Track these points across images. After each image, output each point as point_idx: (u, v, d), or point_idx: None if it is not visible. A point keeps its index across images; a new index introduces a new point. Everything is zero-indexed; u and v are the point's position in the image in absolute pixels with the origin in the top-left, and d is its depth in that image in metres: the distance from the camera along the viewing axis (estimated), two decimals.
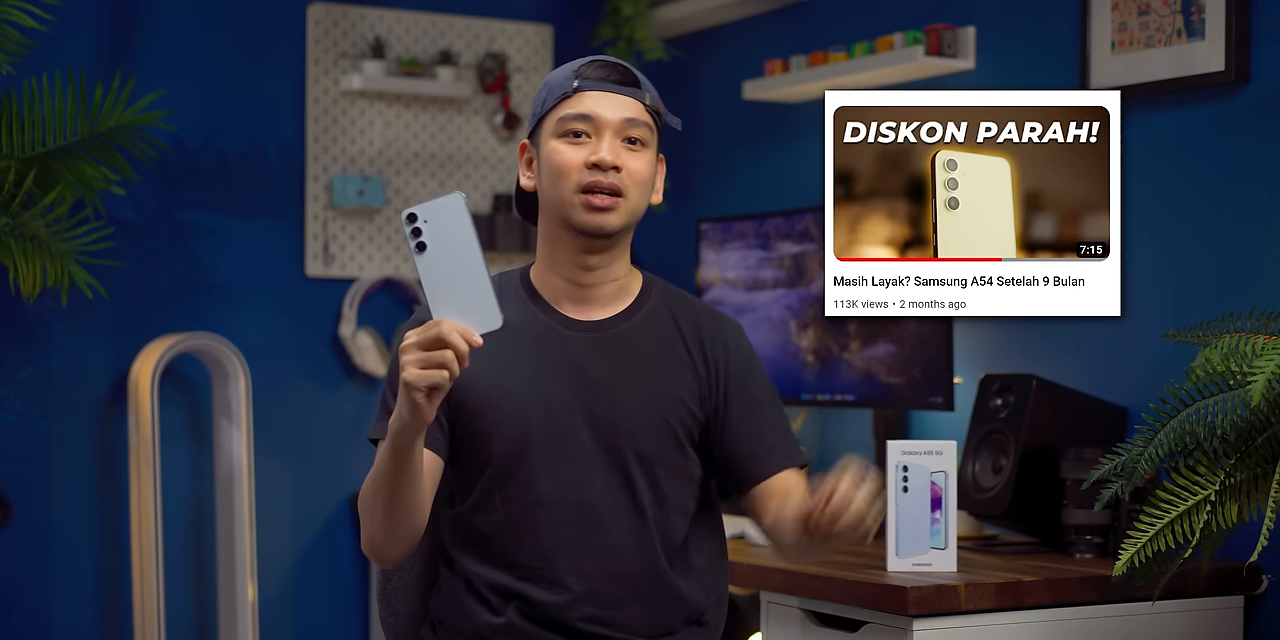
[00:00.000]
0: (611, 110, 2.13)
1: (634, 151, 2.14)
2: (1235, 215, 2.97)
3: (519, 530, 2.15)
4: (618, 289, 2.20)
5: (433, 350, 1.84)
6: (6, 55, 3.39)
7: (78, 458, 3.79)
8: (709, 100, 4.24)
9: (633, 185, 2.13)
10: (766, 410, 2.21)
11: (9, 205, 3.38)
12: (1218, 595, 2.81)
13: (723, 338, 2.21)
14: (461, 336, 1.84)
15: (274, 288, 4.00)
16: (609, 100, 2.14)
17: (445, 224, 1.86)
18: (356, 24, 4.07)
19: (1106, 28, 3.15)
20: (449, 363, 1.84)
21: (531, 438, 2.14)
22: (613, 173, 2.11)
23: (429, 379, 1.85)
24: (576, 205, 2.12)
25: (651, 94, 2.17)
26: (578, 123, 2.13)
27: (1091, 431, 3.01)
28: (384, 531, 2.05)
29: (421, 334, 1.85)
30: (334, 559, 4.04)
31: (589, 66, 2.15)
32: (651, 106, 2.16)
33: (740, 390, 2.20)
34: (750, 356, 2.23)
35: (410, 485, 2.01)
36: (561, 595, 2.14)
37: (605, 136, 2.12)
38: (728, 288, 3.80)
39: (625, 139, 2.13)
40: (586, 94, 2.13)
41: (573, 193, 2.12)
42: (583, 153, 2.12)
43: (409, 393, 1.86)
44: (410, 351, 1.85)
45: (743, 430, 2.19)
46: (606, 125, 2.13)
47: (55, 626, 3.77)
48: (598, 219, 2.12)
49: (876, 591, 2.63)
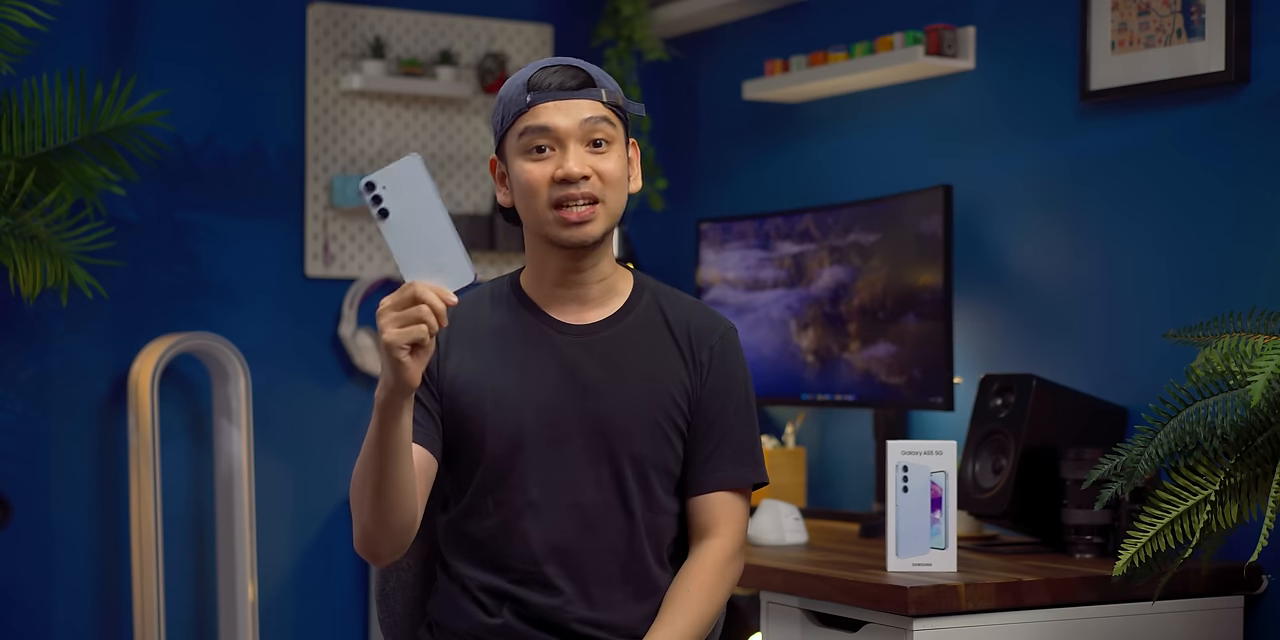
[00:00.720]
0: (568, 117, 2.10)
1: (601, 153, 2.12)
2: (1235, 215, 2.97)
3: (511, 535, 2.15)
4: (606, 288, 2.20)
5: (408, 308, 1.85)
6: (6, 55, 3.39)
7: (78, 458, 3.79)
8: (709, 100, 4.24)
9: (606, 188, 2.11)
10: (731, 421, 2.20)
11: (9, 205, 3.39)
12: (1218, 595, 2.81)
13: (711, 339, 2.20)
14: (436, 294, 1.85)
15: (274, 288, 4.00)
16: (564, 108, 2.10)
17: (405, 187, 1.86)
18: (356, 24, 4.07)
19: (1106, 28, 3.15)
20: (426, 317, 1.85)
21: (524, 441, 2.14)
22: (583, 182, 2.10)
23: (409, 336, 1.85)
24: (552, 222, 2.11)
25: (608, 88, 2.14)
26: (538, 137, 2.10)
27: (1091, 431, 3.01)
28: (374, 519, 2.02)
29: (395, 297, 1.86)
30: (334, 559, 4.04)
31: (538, 74, 2.12)
32: (610, 101, 2.13)
33: (714, 396, 2.19)
34: (735, 361, 2.22)
35: (399, 463, 1.98)
36: (554, 598, 2.14)
37: (569, 146, 2.10)
38: (728, 288, 3.80)
39: (589, 142, 2.11)
40: (540, 106, 2.11)
41: (546, 209, 2.11)
42: (549, 167, 2.10)
43: (391, 353, 1.86)
44: (386, 314, 1.86)
45: (703, 438, 2.19)
46: (567, 134, 2.10)
47: (55, 626, 3.77)
48: (578, 233, 2.11)
49: (876, 591, 2.63)
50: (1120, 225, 3.18)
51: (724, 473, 2.19)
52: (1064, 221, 3.29)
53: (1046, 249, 3.33)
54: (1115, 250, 3.18)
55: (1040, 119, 3.34)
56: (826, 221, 3.56)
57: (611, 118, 2.13)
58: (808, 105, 3.93)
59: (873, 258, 3.44)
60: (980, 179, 3.45)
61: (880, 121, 3.74)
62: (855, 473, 3.75)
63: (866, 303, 3.45)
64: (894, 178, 3.64)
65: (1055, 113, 3.30)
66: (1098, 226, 3.22)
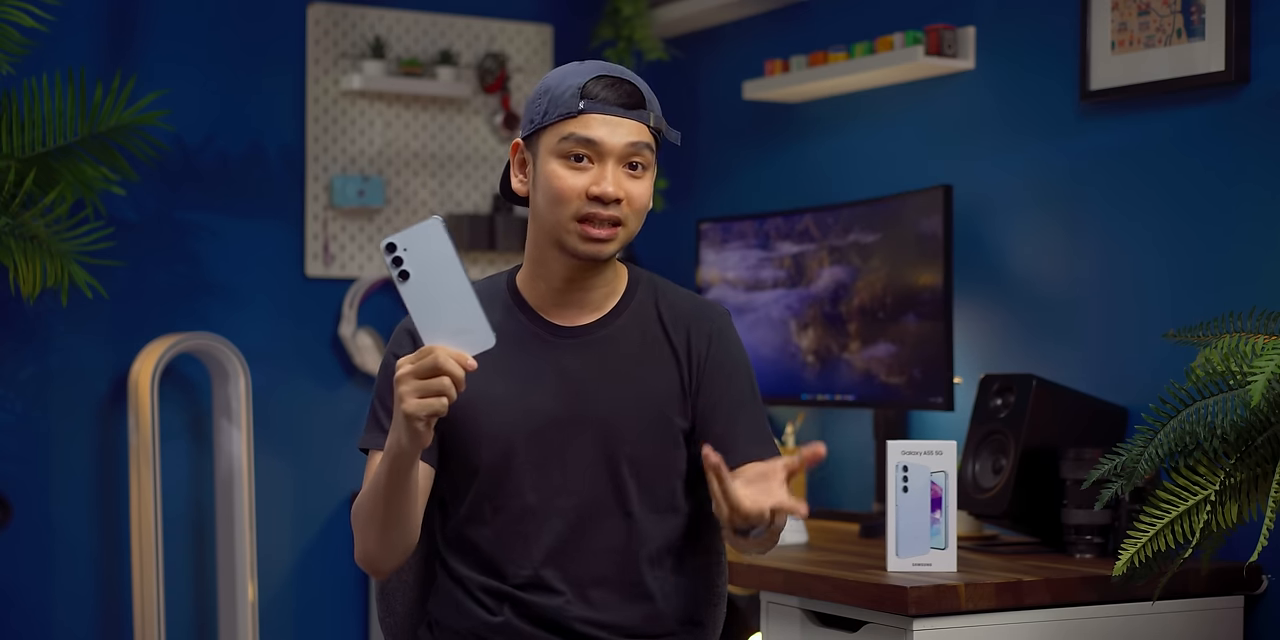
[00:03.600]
0: (616, 136, 2.07)
1: (635, 178, 2.09)
2: (1235, 215, 2.97)
3: (510, 540, 2.14)
4: (605, 294, 2.19)
5: (429, 378, 1.84)
6: (6, 55, 3.39)
7: (78, 458, 3.79)
8: (709, 100, 4.24)
9: (632, 213, 2.09)
10: (741, 402, 2.19)
11: (9, 205, 3.38)
12: (1218, 595, 2.81)
13: (705, 326, 2.19)
14: (456, 361, 1.84)
15: (274, 288, 4.00)
16: (615, 125, 2.07)
17: (426, 249, 1.84)
18: (356, 24, 4.07)
19: (1106, 28, 3.14)
20: (446, 389, 1.84)
21: (519, 445, 2.13)
22: (614, 206, 2.07)
23: (429, 408, 1.85)
24: (572, 233, 2.09)
25: (655, 113, 2.11)
26: (580, 146, 2.07)
27: (1091, 431, 3.01)
28: (380, 546, 2.07)
29: (416, 363, 1.84)
30: (334, 559, 4.04)
31: (596, 84, 2.08)
32: (654, 126, 2.11)
33: (716, 380, 2.18)
34: (733, 346, 2.20)
35: (407, 503, 2.02)
36: (555, 599, 2.14)
37: (609, 164, 2.07)
38: (728, 288, 3.80)
39: (627, 164, 2.09)
40: (591, 117, 2.07)
41: (570, 220, 2.08)
42: (584, 180, 2.07)
43: (409, 422, 1.86)
44: (406, 381, 1.84)
45: (713, 421, 2.17)
46: (611, 152, 2.07)
47: (55, 626, 3.77)
48: (594, 249, 2.09)
49: (876, 591, 2.63)
50: (1120, 225, 3.18)
51: (738, 453, 2.14)
52: (1064, 222, 3.29)
53: (1046, 249, 3.33)
54: (1115, 250, 3.18)
55: (1040, 119, 3.34)
56: (826, 221, 3.56)
57: (653, 143, 2.11)
58: (808, 105, 3.93)
59: (873, 258, 3.44)
60: (980, 179, 3.45)
61: (880, 121, 3.74)
62: (855, 473, 3.75)
63: (866, 303, 3.45)
64: (894, 178, 3.64)
65: (1055, 113, 3.30)
66: (1098, 227, 3.22)
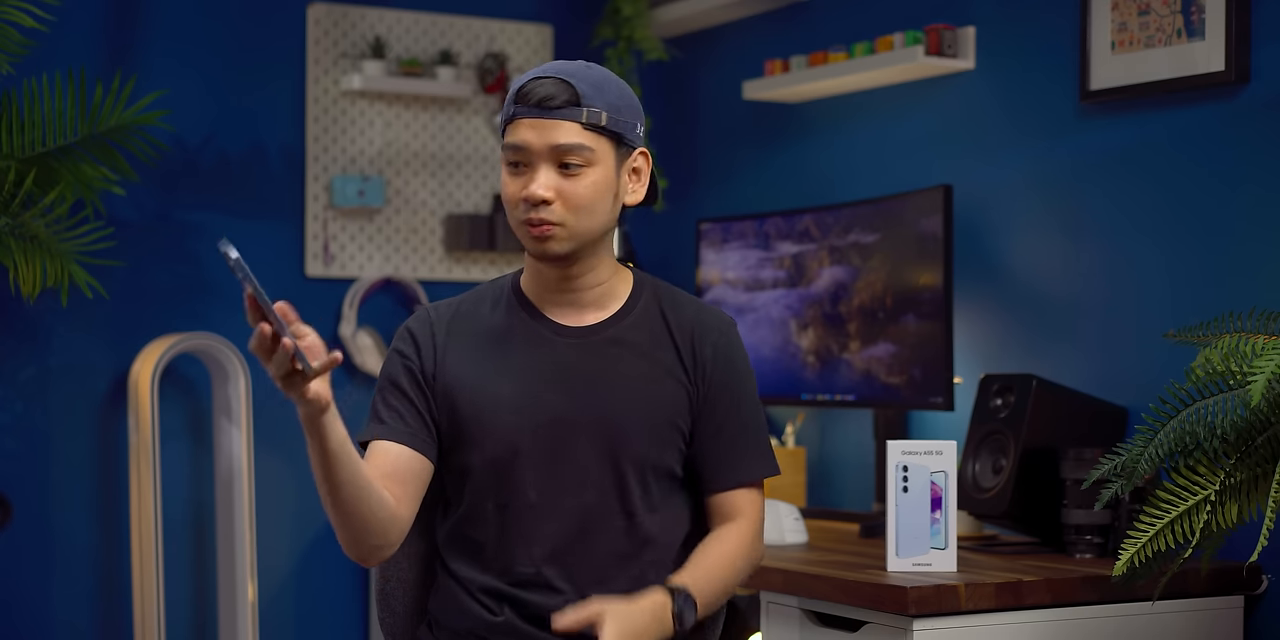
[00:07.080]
0: (540, 138, 2.08)
1: (571, 177, 2.09)
2: (1235, 215, 2.97)
3: (511, 539, 2.15)
4: (603, 293, 2.19)
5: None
6: (6, 55, 3.39)
7: (78, 458, 3.79)
8: (709, 100, 4.24)
9: (569, 212, 2.09)
10: (744, 418, 2.21)
11: (9, 205, 3.39)
12: (1218, 595, 2.81)
13: (712, 336, 2.20)
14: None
15: (274, 288, 3.99)
16: (539, 128, 2.08)
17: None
18: (356, 24, 4.07)
19: (1106, 28, 3.15)
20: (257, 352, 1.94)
21: (522, 444, 2.14)
22: (543, 207, 2.08)
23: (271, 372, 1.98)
24: (525, 236, 2.13)
25: (592, 108, 2.08)
26: (514, 153, 2.10)
27: (1091, 431, 3.01)
28: (337, 522, 2.04)
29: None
30: (334, 559, 4.04)
31: (528, 84, 2.09)
32: (590, 123, 2.08)
33: (721, 394, 2.19)
34: (738, 357, 2.22)
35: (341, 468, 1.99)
36: (555, 599, 2.14)
37: (539, 167, 2.08)
38: (728, 288, 3.80)
39: (561, 165, 2.09)
40: (520, 122, 2.09)
41: (519, 224, 2.12)
42: (519, 185, 2.10)
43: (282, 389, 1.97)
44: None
45: (716, 436, 2.19)
46: (539, 155, 2.08)
47: (55, 626, 3.77)
48: (540, 248, 2.12)
49: (876, 591, 2.63)
50: (1120, 225, 3.18)
51: (740, 470, 2.19)
52: (1064, 221, 3.29)
53: (1046, 249, 3.33)
54: (1115, 250, 3.18)
55: (1040, 119, 3.34)
56: (826, 221, 3.56)
57: (590, 141, 2.08)
58: (808, 105, 3.93)
59: (873, 258, 3.44)
60: (980, 179, 3.45)
61: (880, 121, 3.74)
62: (855, 473, 3.75)
63: (866, 303, 3.45)
64: (894, 178, 3.64)
65: (1055, 113, 3.30)
66: (1098, 226, 3.22)
